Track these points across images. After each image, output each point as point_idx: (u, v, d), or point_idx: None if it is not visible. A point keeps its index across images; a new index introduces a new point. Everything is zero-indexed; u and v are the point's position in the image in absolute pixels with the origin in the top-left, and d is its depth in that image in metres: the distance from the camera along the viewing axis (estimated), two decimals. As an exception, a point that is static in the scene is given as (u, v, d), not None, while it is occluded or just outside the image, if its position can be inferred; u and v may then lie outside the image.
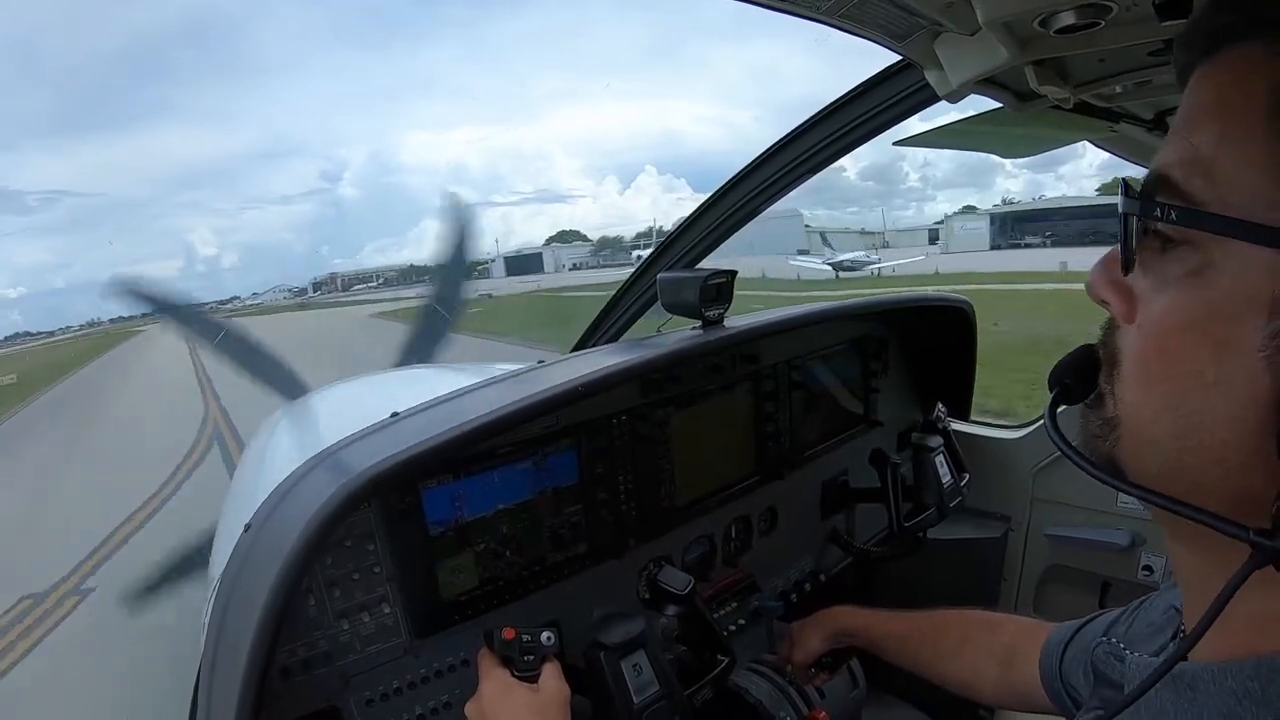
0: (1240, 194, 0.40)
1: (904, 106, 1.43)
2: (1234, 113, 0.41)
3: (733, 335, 1.42)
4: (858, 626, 1.31)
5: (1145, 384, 0.46)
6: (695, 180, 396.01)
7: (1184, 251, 0.43)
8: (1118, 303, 0.48)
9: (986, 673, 1.08)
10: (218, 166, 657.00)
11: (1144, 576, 1.87)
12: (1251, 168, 0.40)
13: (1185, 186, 0.43)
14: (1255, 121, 0.40)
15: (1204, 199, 0.42)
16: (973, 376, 2.19)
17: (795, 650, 1.39)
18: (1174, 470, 0.44)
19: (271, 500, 1.01)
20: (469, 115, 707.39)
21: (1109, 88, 1.09)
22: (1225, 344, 0.41)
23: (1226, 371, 0.41)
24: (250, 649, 0.85)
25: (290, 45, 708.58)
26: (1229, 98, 0.42)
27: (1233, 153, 0.41)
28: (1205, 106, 0.43)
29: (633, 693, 1.08)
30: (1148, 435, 0.46)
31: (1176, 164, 0.44)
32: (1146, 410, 0.46)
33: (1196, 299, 0.42)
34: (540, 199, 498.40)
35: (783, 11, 0.93)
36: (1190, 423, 0.43)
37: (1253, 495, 0.40)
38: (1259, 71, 0.40)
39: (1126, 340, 0.48)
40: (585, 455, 1.30)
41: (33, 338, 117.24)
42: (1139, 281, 0.47)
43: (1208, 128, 0.43)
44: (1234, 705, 0.43)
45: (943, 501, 1.78)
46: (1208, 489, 0.43)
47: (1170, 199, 0.43)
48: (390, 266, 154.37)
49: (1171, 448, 0.44)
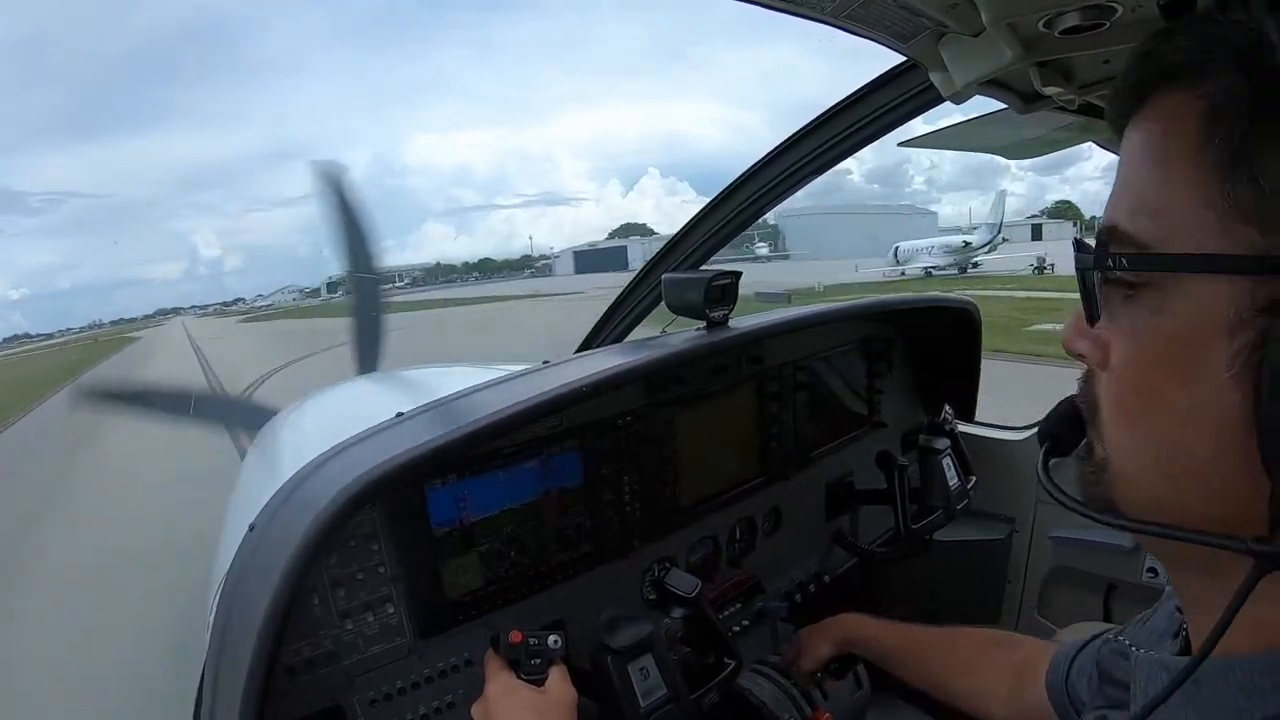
0: (1185, 229, 0.42)
1: (909, 108, 1.43)
2: (1167, 154, 0.44)
3: (737, 336, 1.42)
4: (867, 636, 1.30)
5: (1125, 423, 0.48)
6: (698, 183, 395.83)
7: (1145, 294, 0.45)
8: (1091, 352, 0.51)
9: (998, 692, 1.06)
10: (222, 169, 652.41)
11: (1148, 578, 1.86)
12: (1190, 203, 0.42)
13: (1134, 233, 0.45)
14: (1188, 158, 0.42)
15: (1152, 241, 0.44)
16: (977, 377, 2.18)
17: (802, 656, 1.39)
18: (1163, 500, 0.47)
19: (276, 500, 1.01)
20: (474, 118, 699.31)
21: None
22: (1193, 372, 0.43)
23: (1199, 398, 0.43)
24: (254, 648, 0.85)
25: (295, 48, 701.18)
26: (1160, 142, 0.45)
27: (1172, 192, 0.43)
28: (1142, 154, 0.46)
29: (640, 696, 1.08)
30: (1134, 472, 0.48)
31: (1124, 213, 0.46)
32: (1129, 448, 0.48)
33: (1161, 335, 0.44)
34: (544, 201, 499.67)
35: (788, 13, 0.93)
36: (1172, 453, 0.45)
37: (1241, 510, 0.42)
38: (1184, 112, 0.43)
39: (1103, 386, 0.50)
40: (590, 456, 1.30)
41: (32, 340, 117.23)
42: (1108, 329, 0.49)
43: (1147, 173, 0.45)
44: (1240, 700, 0.43)
45: (950, 504, 1.77)
46: (1197, 512, 0.45)
47: (1122, 247, 0.46)
48: (417, 265, 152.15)
49: (1158, 479, 0.46)
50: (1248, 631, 0.44)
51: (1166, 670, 0.48)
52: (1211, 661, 0.45)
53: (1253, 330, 0.40)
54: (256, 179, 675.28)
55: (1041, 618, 2.07)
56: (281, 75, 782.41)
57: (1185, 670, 0.47)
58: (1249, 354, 0.40)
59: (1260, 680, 0.43)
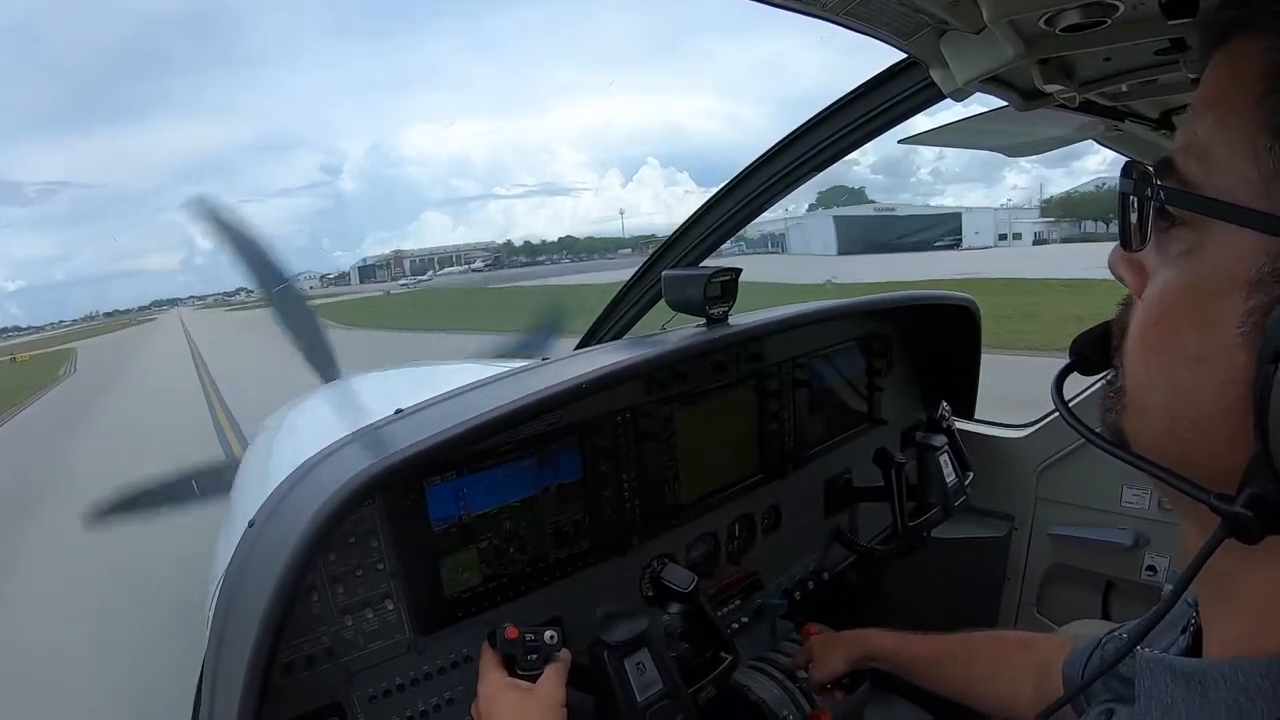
0: (1228, 178, 0.42)
1: (909, 104, 1.42)
2: (1227, 101, 0.43)
3: (737, 333, 1.42)
4: (886, 649, 1.29)
5: (1144, 355, 0.48)
6: (698, 174, 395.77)
7: (1182, 231, 0.45)
8: (1130, 277, 0.51)
9: (1022, 694, 1.06)
10: (218, 159, 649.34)
11: (1147, 577, 1.87)
12: (1238, 154, 0.42)
13: (1183, 170, 0.45)
14: (1245, 109, 0.42)
15: (1197, 182, 0.44)
16: (977, 375, 2.19)
17: (815, 667, 1.38)
18: (1167, 441, 0.46)
19: (275, 496, 1.01)
20: (471, 108, 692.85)
21: (1115, 86, 1.09)
22: (1209, 320, 0.43)
23: (1210, 347, 0.42)
24: (253, 645, 0.85)
25: (290, 37, 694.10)
26: (1224, 87, 0.44)
27: (1224, 139, 0.43)
28: (1206, 95, 0.46)
29: (636, 691, 1.08)
30: (1145, 405, 0.48)
31: (1180, 149, 0.46)
32: (1144, 380, 0.48)
33: (1187, 276, 0.44)
34: (544, 192, 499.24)
35: (787, 9, 0.93)
36: (1180, 396, 0.45)
37: (1238, 469, 0.42)
38: (1253, 61, 0.42)
39: (1134, 313, 0.50)
40: (589, 452, 1.30)
41: (22, 333, 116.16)
42: (1150, 258, 0.49)
43: (1206, 116, 0.45)
44: (1245, 703, 0.43)
45: (947, 501, 1.78)
46: (1197, 462, 0.44)
47: (1169, 181, 0.46)
48: (478, 245, 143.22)
49: (1164, 418, 0.46)
50: (1255, 626, 0.44)
51: (1171, 671, 0.48)
52: (1220, 664, 0.45)
53: (1268, 293, 0.40)
54: (253, 169, 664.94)
55: (1040, 615, 2.07)
56: (276, 66, 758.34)
57: (1149, 620, 0.49)
58: (1260, 316, 0.40)
59: (1262, 684, 0.42)
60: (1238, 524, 0.41)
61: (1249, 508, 0.40)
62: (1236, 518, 0.41)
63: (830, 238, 57.09)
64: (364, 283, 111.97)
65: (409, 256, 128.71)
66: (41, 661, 4.23)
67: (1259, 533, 0.41)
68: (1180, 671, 0.47)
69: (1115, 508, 1.89)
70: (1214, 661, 0.46)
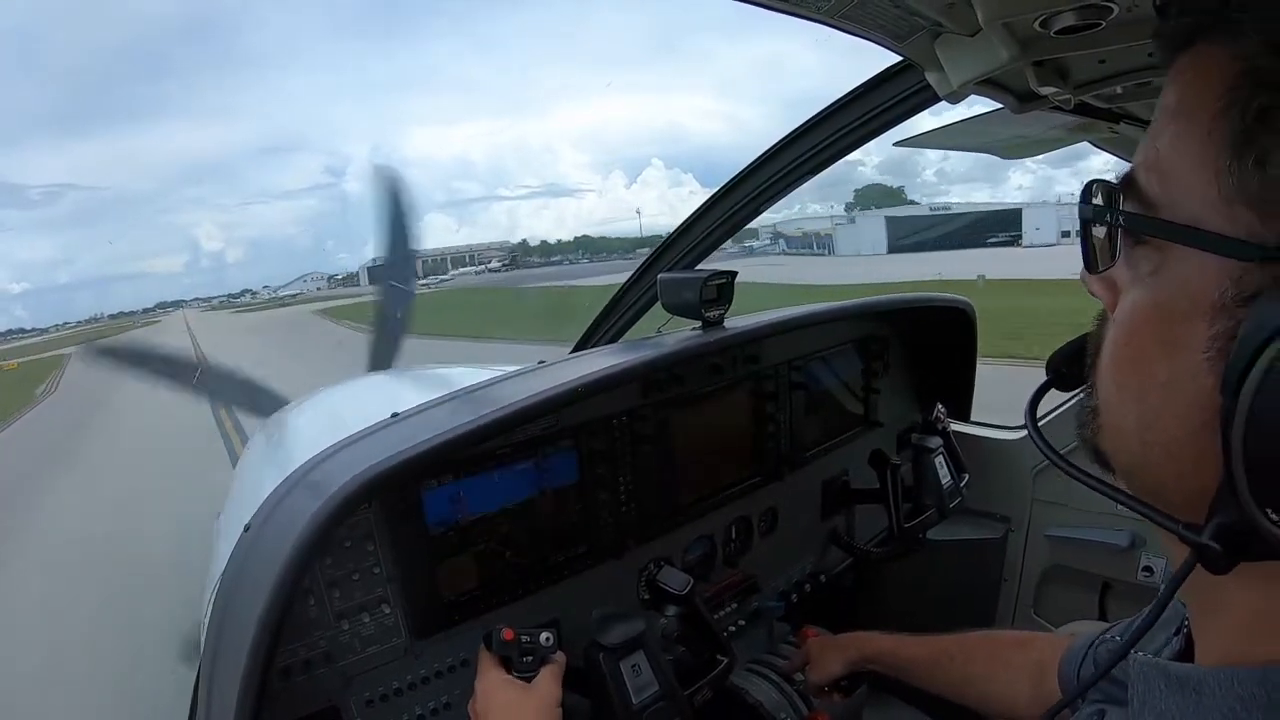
0: (1188, 198, 0.40)
1: (905, 107, 1.43)
2: (1189, 114, 0.41)
3: (733, 336, 1.42)
4: (883, 651, 1.29)
5: (1115, 376, 0.47)
6: (701, 174, 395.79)
7: (1148, 249, 0.43)
8: (1102, 292, 0.49)
9: (1020, 693, 1.06)
10: (222, 161, 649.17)
11: (1144, 577, 1.87)
12: (1198, 172, 0.40)
13: (1145, 189, 0.43)
14: (1206, 123, 0.39)
15: (1157, 202, 0.42)
16: (973, 377, 2.19)
17: (813, 669, 1.38)
18: (1139, 464, 0.46)
19: (271, 501, 1.01)
20: (474, 109, 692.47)
21: (1109, 89, 1.09)
22: (1175, 344, 0.41)
23: (1176, 372, 0.41)
24: (250, 649, 0.85)
25: (292, 39, 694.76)
26: (1185, 98, 0.42)
27: (1185, 155, 0.41)
28: (1168, 106, 0.43)
29: (632, 693, 1.08)
30: (1119, 426, 0.47)
31: (1141, 165, 0.44)
32: (1116, 401, 0.47)
33: (1155, 296, 0.43)
34: (547, 193, 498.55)
35: (782, 12, 0.93)
36: (1149, 419, 0.44)
37: (1208, 493, 0.41)
38: (1216, 71, 0.40)
39: (1107, 330, 0.48)
40: (585, 455, 1.30)
41: (27, 334, 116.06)
42: (1121, 273, 0.47)
43: (1167, 129, 0.43)
44: (1240, 711, 0.42)
45: (942, 502, 1.78)
46: (1170, 485, 0.44)
47: (1131, 200, 0.44)
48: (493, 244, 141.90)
49: (1136, 441, 0.45)
50: (1246, 636, 0.44)
51: (1165, 676, 0.47)
52: (1214, 671, 0.44)
53: (1232, 318, 0.38)
54: (256, 172, 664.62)
55: (1037, 616, 2.07)
56: (277, 68, 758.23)
57: (1120, 650, 0.49)
58: (1224, 342, 0.38)
59: (1257, 691, 0.42)
60: (1205, 555, 0.40)
61: (1216, 538, 0.39)
62: (1205, 549, 0.40)
63: (880, 236, 56.73)
64: (372, 284, 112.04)
65: (420, 257, 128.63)
66: (41, 664, 4.22)
67: (1225, 564, 0.40)
68: (1174, 677, 0.47)
69: (1111, 509, 1.88)
70: (1208, 669, 0.45)
